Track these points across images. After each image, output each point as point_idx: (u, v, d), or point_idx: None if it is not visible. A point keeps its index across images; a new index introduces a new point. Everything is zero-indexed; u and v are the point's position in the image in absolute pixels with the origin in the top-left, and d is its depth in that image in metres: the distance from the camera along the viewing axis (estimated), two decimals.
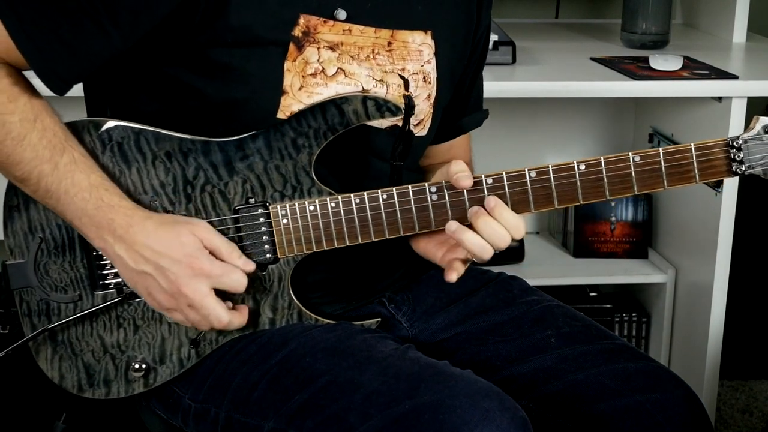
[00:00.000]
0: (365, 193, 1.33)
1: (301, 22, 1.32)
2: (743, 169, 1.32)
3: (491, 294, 1.52)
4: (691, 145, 1.32)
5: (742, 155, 1.32)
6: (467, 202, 1.33)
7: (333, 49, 1.34)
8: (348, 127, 1.32)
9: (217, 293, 1.30)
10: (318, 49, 1.33)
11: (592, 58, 2.25)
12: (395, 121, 1.39)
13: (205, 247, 1.29)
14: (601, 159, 1.32)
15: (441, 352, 1.45)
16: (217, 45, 1.29)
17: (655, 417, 1.35)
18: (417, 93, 1.42)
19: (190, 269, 1.27)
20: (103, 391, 1.39)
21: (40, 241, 1.36)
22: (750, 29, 2.50)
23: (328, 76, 1.34)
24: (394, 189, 1.33)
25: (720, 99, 2.13)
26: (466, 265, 1.36)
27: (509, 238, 1.31)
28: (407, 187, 1.33)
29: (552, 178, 1.32)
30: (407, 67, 1.40)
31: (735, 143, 1.32)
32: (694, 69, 2.16)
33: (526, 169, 1.33)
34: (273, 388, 1.31)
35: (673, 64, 2.14)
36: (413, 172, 1.48)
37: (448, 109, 1.52)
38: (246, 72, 1.31)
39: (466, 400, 1.19)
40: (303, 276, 1.37)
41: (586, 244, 2.52)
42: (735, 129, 2.10)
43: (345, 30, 1.35)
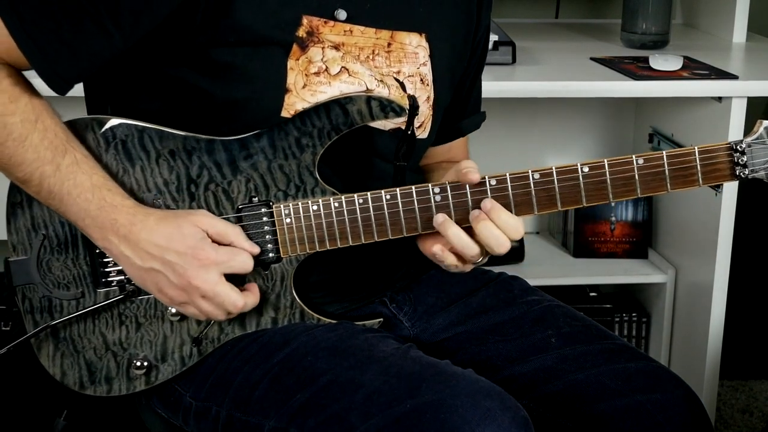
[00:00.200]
0: (368, 193, 1.33)
1: (305, 22, 1.32)
2: (746, 172, 1.33)
3: (492, 294, 1.52)
4: (695, 148, 1.32)
5: (745, 159, 1.32)
6: (470, 203, 1.33)
7: (337, 48, 1.34)
8: (352, 127, 1.33)
9: (227, 278, 1.30)
10: (322, 48, 1.33)
11: (592, 58, 2.25)
12: (399, 123, 1.39)
13: (209, 234, 1.29)
14: (605, 162, 1.32)
15: (442, 351, 1.45)
16: (219, 45, 1.30)
17: (655, 417, 1.35)
18: (416, 95, 1.42)
19: (196, 260, 1.28)
20: (105, 388, 1.40)
21: (43, 238, 1.36)
22: (750, 29, 2.50)
23: (331, 75, 1.34)
24: (397, 189, 1.33)
25: (720, 99, 2.13)
26: (460, 263, 1.35)
27: (508, 243, 1.32)
28: (410, 188, 1.33)
29: (555, 180, 1.32)
30: (403, 70, 1.40)
31: (738, 147, 1.32)
32: (694, 69, 2.16)
33: (529, 171, 1.33)
34: (274, 387, 1.31)
35: (673, 64, 2.14)
36: (414, 172, 1.48)
37: (447, 111, 1.53)
38: (249, 71, 1.31)
39: (467, 399, 1.20)
40: (305, 275, 1.38)
41: (586, 244, 2.52)
42: (735, 129, 2.10)
43: (346, 30, 1.35)
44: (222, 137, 1.32)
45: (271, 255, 1.34)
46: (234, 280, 1.31)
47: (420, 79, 1.42)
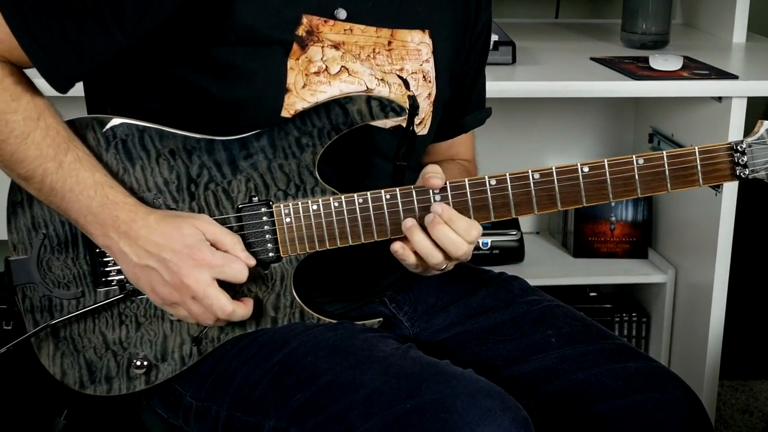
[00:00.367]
0: (368, 192, 1.33)
1: (305, 21, 1.32)
2: (747, 173, 1.33)
3: (492, 294, 1.53)
4: (695, 148, 1.32)
5: (746, 159, 1.32)
6: (470, 203, 1.33)
7: (337, 48, 1.34)
8: (352, 127, 1.33)
9: (220, 286, 1.30)
10: (322, 47, 1.33)
11: (592, 58, 2.25)
12: (399, 122, 1.39)
13: (207, 239, 1.29)
14: (605, 161, 1.32)
15: (442, 351, 1.45)
16: (220, 44, 1.30)
17: (655, 417, 1.35)
18: (418, 92, 1.42)
19: (191, 260, 1.28)
20: (105, 387, 1.40)
21: (44, 237, 1.36)
22: (750, 29, 2.50)
23: (331, 75, 1.34)
24: (397, 189, 1.33)
25: (720, 99, 2.13)
26: (421, 266, 1.35)
27: (464, 244, 1.32)
28: (410, 188, 1.33)
29: (555, 180, 1.32)
30: (405, 67, 1.41)
31: (739, 147, 1.32)
32: (694, 69, 2.16)
33: (529, 171, 1.33)
34: (274, 387, 1.31)
35: (673, 64, 2.14)
36: (415, 171, 1.48)
37: (448, 107, 1.53)
38: (250, 71, 1.31)
39: (467, 399, 1.20)
40: (305, 275, 1.38)
41: (586, 244, 2.52)
42: (735, 129, 2.10)
43: (346, 29, 1.35)
44: (222, 137, 1.32)
45: (270, 254, 1.34)
46: (228, 290, 1.31)
47: (423, 76, 1.43)
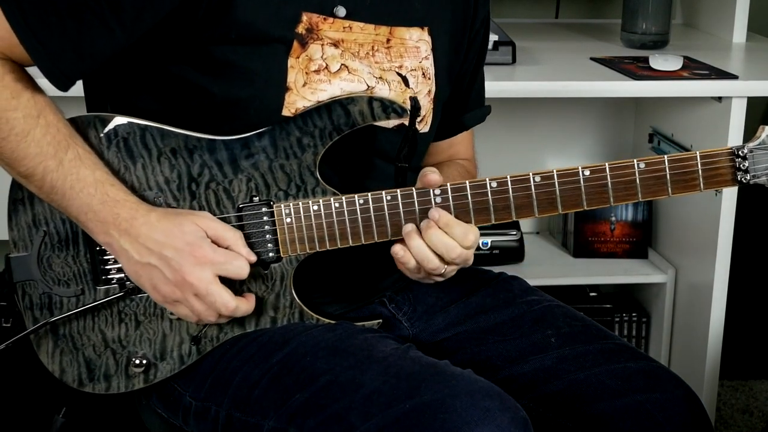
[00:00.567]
0: (369, 193, 1.33)
1: (304, 19, 1.32)
2: (748, 178, 1.33)
3: (491, 294, 1.53)
4: (697, 153, 1.32)
5: (747, 164, 1.32)
6: (471, 205, 1.33)
7: (336, 45, 1.35)
8: (354, 128, 1.33)
9: (222, 283, 1.30)
10: (322, 46, 1.34)
11: (592, 58, 2.25)
12: (401, 121, 1.39)
13: (208, 236, 1.29)
14: (606, 165, 1.32)
15: (441, 351, 1.45)
16: (220, 42, 1.30)
17: (655, 417, 1.35)
18: (417, 89, 1.42)
19: (193, 257, 1.28)
20: (104, 385, 1.40)
21: (44, 234, 1.36)
22: (750, 29, 2.50)
23: (331, 73, 1.34)
24: (398, 190, 1.33)
25: (720, 99, 2.13)
26: (421, 272, 1.35)
27: (457, 248, 1.32)
28: (411, 189, 1.33)
29: (556, 183, 1.32)
30: (405, 64, 1.41)
31: (740, 152, 1.32)
32: (694, 69, 2.16)
33: (530, 174, 1.33)
34: (274, 387, 1.31)
35: (673, 64, 2.14)
36: (416, 173, 1.48)
37: (448, 105, 1.53)
38: (250, 70, 1.31)
39: (466, 399, 1.19)
40: (305, 275, 1.38)
41: (586, 244, 2.52)
42: (735, 129, 2.10)
43: (346, 27, 1.35)
44: (223, 136, 1.32)
45: (271, 254, 1.34)
46: (229, 286, 1.31)
47: (422, 73, 1.43)
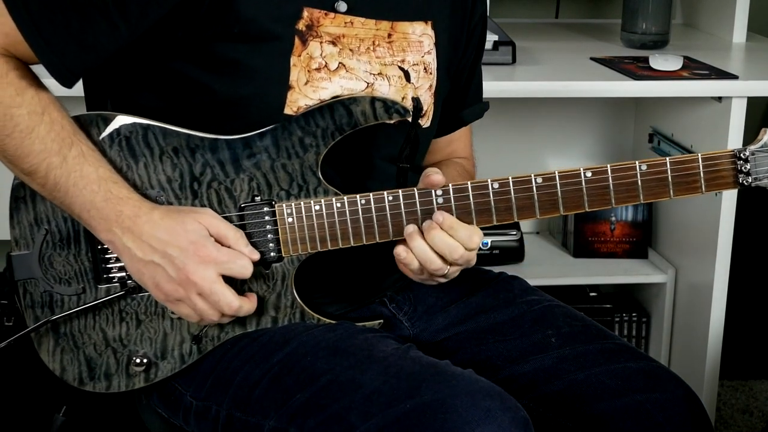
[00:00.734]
0: (371, 194, 1.33)
1: (305, 15, 1.32)
2: (750, 180, 1.33)
3: (492, 294, 1.53)
4: (698, 155, 1.32)
5: (748, 167, 1.32)
6: (473, 206, 1.33)
7: (334, 43, 1.35)
8: (356, 128, 1.33)
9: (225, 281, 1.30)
10: (320, 43, 1.34)
11: (592, 58, 2.26)
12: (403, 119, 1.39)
13: (210, 233, 1.29)
14: (608, 167, 1.32)
15: (442, 351, 1.45)
16: (223, 39, 1.30)
17: (655, 417, 1.35)
18: (419, 84, 1.42)
19: (197, 256, 1.28)
20: (104, 384, 1.40)
21: (46, 232, 1.36)
22: (750, 29, 2.50)
23: (331, 71, 1.34)
24: (399, 191, 1.33)
25: (720, 99, 2.13)
26: (425, 273, 1.35)
27: (461, 249, 1.32)
28: (413, 190, 1.33)
29: (558, 185, 1.32)
30: (407, 59, 1.41)
31: (742, 155, 1.32)
32: (694, 69, 2.16)
33: (532, 175, 1.33)
34: (274, 386, 1.31)
35: (673, 64, 2.14)
36: (418, 174, 1.48)
37: (447, 101, 1.53)
38: (252, 68, 1.31)
39: (467, 399, 1.20)
40: (306, 275, 1.38)
41: (586, 244, 2.52)
42: (735, 129, 2.10)
43: (347, 22, 1.35)
44: (226, 136, 1.33)
45: (272, 254, 1.34)
46: (231, 286, 1.31)
47: (424, 68, 1.43)
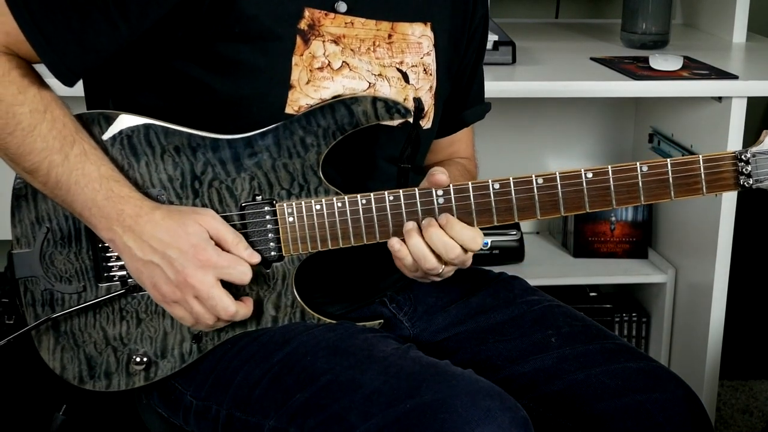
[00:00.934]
0: (372, 194, 1.33)
1: (306, 15, 1.32)
2: (751, 182, 1.32)
3: (492, 294, 1.53)
4: (699, 156, 1.32)
5: (750, 169, 1.32)
6: (473, 206, 1.33)
7: (336, 42, 1.35)
8: (357, 128, 1.33)
9: (223, 285, 1.30)
10: (323, 42, 1.34)
11: (592, 58, 2.26)
12: (404, 120, 1.39)
13: (210, 235, 1.29)
14: (609, 168, 1.32)
15: (442, 351, 1.45)
16: (224, 38, 1.30)
17: (655, 417, 1.35)
18: (419, 85, 1.42)
19: (196, 260, 1.28)
20: (104, 383, 1.40)
21: (47, 231, 1.36)
22: (750, 29, 2.50)
23: (334, 70, 1.34)
24: (400, 191, 1.33)
25: (720, 99, 2.13)
26: (419, 270, 1.35)
27: (458, 249, 1.32)
28: (414, 190, 1.33)
29: (559, 185, 1.32)
30: (405, 60, 1.41)
31: (743, 156, 1.32)
32: (694, 69, 2.16)
33: (533, 176, 1.33)
34: (274, 386, 1.31)
35: (673, 64, 2.14)
36: (418, 175, 1.48)
37: (448, 103, 1.53)
38: (254, 67, 1.31)
39: (467, 399, 1.20)
40: (306, 275, 1.38)
41: (586, 244, 2.52)
42: (735, 129, 2.10)
43: (347, 23, 1.35)
44: (227, 135, 1.33)
45: (273, 253, 1.35)
46: (230, 288, 1.31)
47: (423, 69, 1.43)
